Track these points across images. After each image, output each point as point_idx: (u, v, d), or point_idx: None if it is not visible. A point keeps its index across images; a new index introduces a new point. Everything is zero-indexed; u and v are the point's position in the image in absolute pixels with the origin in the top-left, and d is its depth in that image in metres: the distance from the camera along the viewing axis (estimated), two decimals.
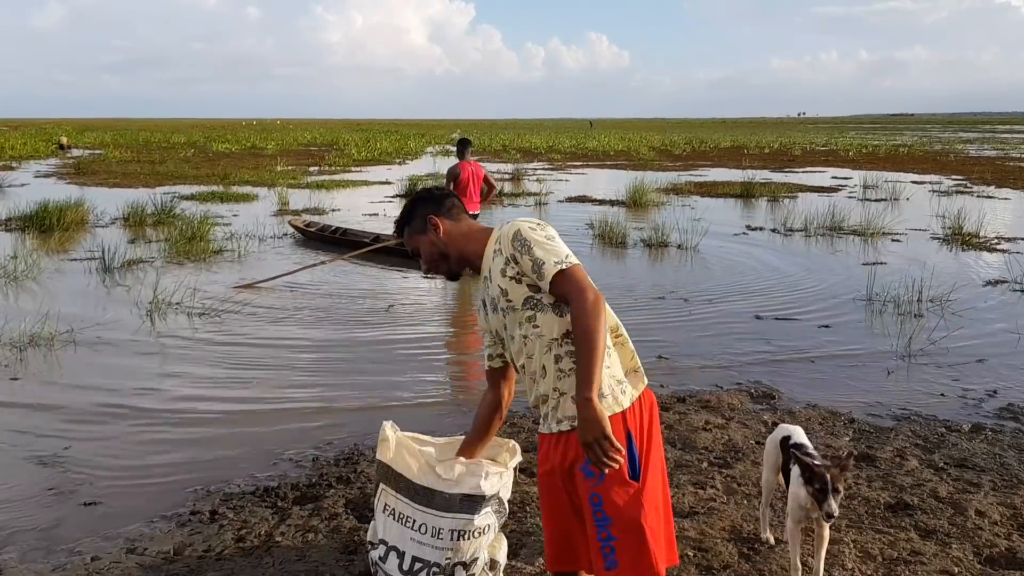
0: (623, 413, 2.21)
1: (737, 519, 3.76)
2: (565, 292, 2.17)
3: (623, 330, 2.34)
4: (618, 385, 2.23)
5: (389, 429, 2.80)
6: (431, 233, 2.43)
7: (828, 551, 3.46)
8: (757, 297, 8.85)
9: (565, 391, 2.24)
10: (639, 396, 2.29)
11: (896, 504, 3.94)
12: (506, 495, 2.75)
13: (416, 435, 2.89)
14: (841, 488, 2.95)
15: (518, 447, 2.84)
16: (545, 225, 2.30)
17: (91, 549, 3.55)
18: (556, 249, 2.22)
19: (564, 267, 2.17)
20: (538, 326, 2.24)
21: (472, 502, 2.61)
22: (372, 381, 5.98)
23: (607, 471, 2.10)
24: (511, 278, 2.26)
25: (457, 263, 2.46)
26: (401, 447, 2.74)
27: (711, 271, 10.36)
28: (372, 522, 2.91)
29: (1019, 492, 4.06)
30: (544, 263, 2.19)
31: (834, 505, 2.92)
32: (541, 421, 2.35)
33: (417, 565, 2.67)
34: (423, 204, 2.48)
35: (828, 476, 2.92)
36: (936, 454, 4.59)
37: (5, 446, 4.72)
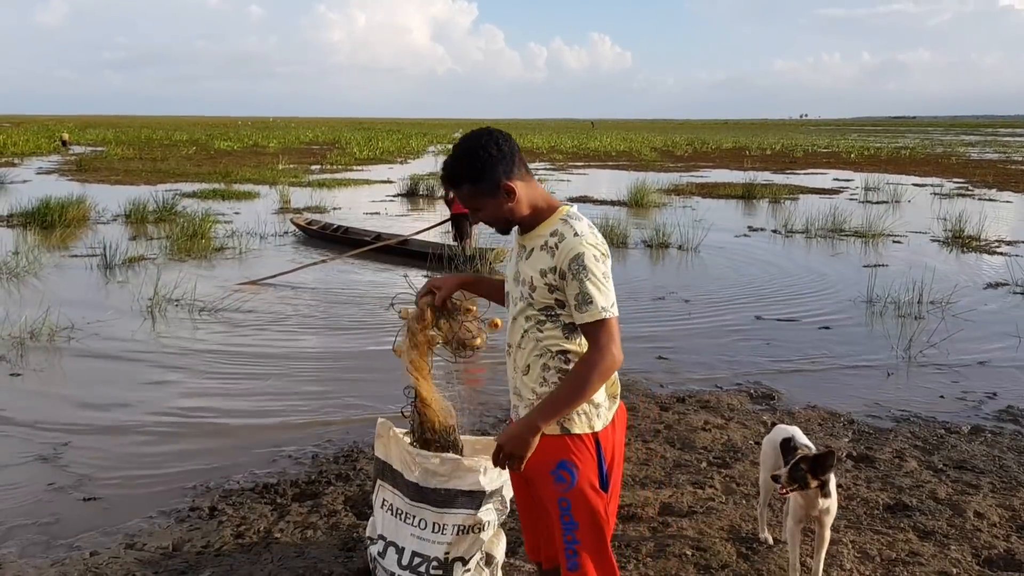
0: (595, 434, 2.22)
1: (736, 519, 3.76)
2: (594, 337, 2.10)
3: None
4: (595, 409, 2.22)
5: (384, 426, 2.81)
6: (502, 198, 2.20)
7: (827, 551, 3.46)
8: (758, 298, 8.85)
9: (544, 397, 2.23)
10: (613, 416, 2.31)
11: (895, 505, 3.94)
12: (508, 493, 2.76)
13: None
14: (805, 469, 2.95)
15: None
16: (607, 256, 2.17)
17: (90, 544, 3.56)
18: (608, 293, 2.11)
19: (607, 316, 2.09)
20: (542, 332, 2.20)
21: (472, 498, 2.62)
22: (372, 380, 5.97)
23: (577, 479, 2.17)
24: (546, 284, 2.15)
25: (516, 224, 2.28)
26: (397, 444, 2.75)
27: (712, 272, 10.36)
28: (371, 518, 2.91)
29: (1018, 494, 4.06)
30: (592, 302, 2.08)
31: (783, 474, 2.98)
32: (512, 411, 2.33)
33: (416, 560, 2.67)
34: (494, 164, 2.18)
35: (799, 455, 3.00)
36: (935, 455, 4.59)
37: (5, 442, 4.73)
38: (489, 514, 2.67)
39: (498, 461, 2.19)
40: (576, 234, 2.13)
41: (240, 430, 4.97)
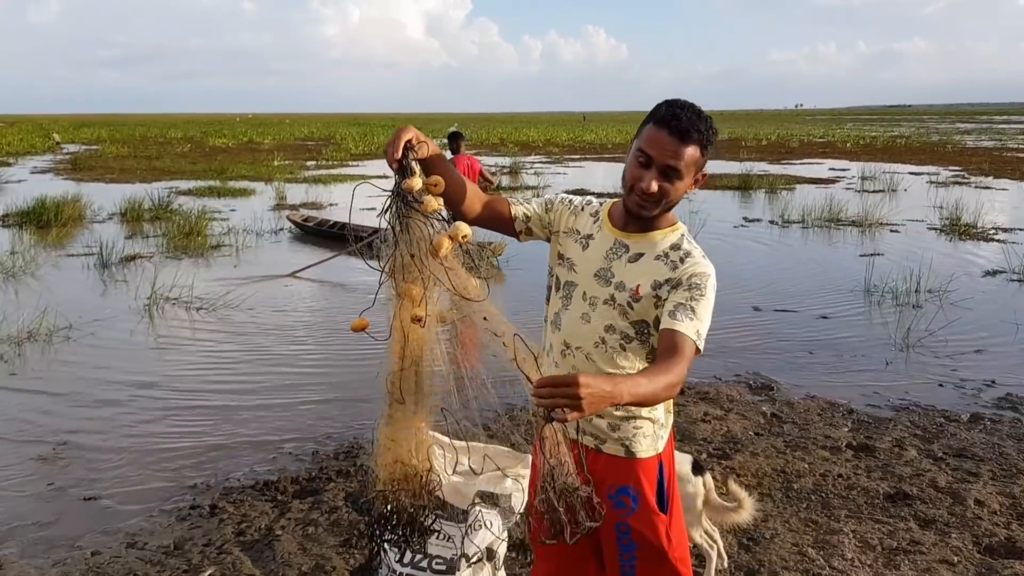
0: (659, 455, 2.11)
1: None
2: (680, 348, 1.86)
3: None
4: (661, 429, 2.11)
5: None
6: (690, 181, 1.97)
7: (827, 541, 3.48)
8: (755, 288, 8.85)
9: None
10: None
11: (895, 494, 3.95)
12: (519, 506, 2.73)
13: (436, 435, 2.86)
14: None
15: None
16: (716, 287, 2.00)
17: (91, 544, 3.56)
18: (707, 325, 1.95)
19: (697, 343, 1.90)
20: (626, 349, 2.02)
21: (491, 498, 2.62)
22: (371, 374, 5.96)
23: (639, 504, 2.04)
24: (654, 296, 1.96)
25: (653, 213, 2.01)
26: (435, 453, 2.73)
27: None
28: None
29: (1018, 481, 4.07)
30: (693, 320, 1.90)
31: None
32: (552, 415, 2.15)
33: (418, 557, 2.67)
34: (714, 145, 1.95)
35: None
36: (935, 444, 4.60)
37: (5, 442, 4.72)
38: (498, 518, 2.68)
39: (558, 399, 1.52)
40: (704, 256, 2.03)
41: (240, 427, 4.96)
